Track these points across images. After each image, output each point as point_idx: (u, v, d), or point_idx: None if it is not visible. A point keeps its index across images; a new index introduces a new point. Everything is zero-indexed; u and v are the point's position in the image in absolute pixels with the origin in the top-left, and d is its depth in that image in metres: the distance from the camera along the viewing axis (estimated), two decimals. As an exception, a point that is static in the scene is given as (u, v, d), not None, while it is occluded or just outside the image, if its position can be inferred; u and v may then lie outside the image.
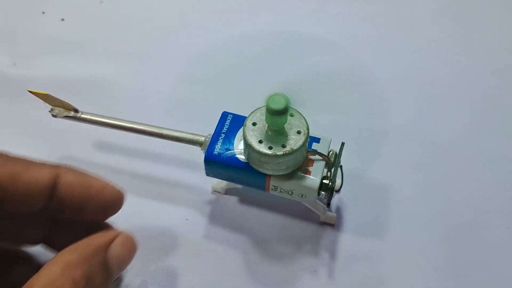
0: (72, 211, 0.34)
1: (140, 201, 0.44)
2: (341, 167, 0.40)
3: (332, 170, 0.39)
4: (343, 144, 0.40)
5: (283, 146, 0.36)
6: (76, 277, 0.28)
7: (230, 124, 0.40)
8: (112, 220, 0.43)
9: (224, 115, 0.41)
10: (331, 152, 0.39)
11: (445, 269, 0.41)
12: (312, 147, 0.39)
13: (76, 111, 0.42)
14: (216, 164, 0.39)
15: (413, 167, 0.46)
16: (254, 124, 0.37)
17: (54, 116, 0.43)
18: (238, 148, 0.39)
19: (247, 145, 0.37)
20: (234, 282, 0.41)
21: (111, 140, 0.48)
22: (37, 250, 0.37)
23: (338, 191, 0.44)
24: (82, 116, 0.42)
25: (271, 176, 0.38)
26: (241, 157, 0.38)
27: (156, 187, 0.45)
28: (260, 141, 0.36)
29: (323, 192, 0.38)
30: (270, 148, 0.36)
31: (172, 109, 0.51)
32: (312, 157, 0.38)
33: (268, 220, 0.44)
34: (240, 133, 0.39)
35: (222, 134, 0.39)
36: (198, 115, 0.50)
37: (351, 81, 0.52)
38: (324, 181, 0.38)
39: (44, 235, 0.36)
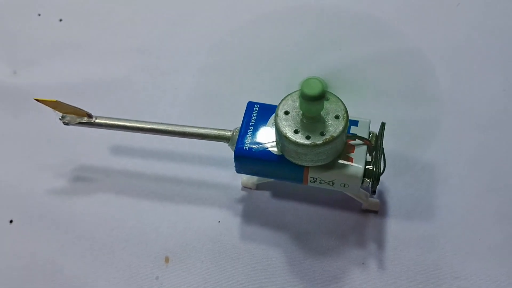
0: None
1: (166, 207, 0.41)
2: (382, 149, 0.37)
3: (374, 154, 0.36)
4: (383, 124, 0.37)
5: (322, 134, 0.33)
6: None
7: (258, 114, 0.37)
8: (143, 229, 0.40)
9: (250, 105, 0.38)
10: (371, 135, 0.36)
11: (503, 247, 0.38)
12: (351, 131, 0.36)
13: (89, 116, 0.39)
14: (248, 159, 0.36)
15: (457, 140, 0.43)
16: (286, 113, 0.34)
17: (66, 124, 0.39)
18: (270, 141, 0.36)
19: (282, 137, 0.33)
20: (278, 283, 0.38)
21: (128, 144, 0.45)
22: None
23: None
24: (97, 121, 0.39)
25: (310, 167, 0.35)
26: (274, 149, 0.35)
27: (182, 189, 0.42)
28: (296, 131, 0.33)
29: (367, 180, 0.35)
30: (308, 137, 0.33)
31: (190, 104, 0.47)
32: (352, 142, 0.35)
33: (306, 213, 0.41)
34: (270, 124, 0.36)
35: (250, 127, 0.36)
36: (220, 108, 0.47)
37: (384, 54, 0.49)
38: (368, 167, 0.35)
39: None
